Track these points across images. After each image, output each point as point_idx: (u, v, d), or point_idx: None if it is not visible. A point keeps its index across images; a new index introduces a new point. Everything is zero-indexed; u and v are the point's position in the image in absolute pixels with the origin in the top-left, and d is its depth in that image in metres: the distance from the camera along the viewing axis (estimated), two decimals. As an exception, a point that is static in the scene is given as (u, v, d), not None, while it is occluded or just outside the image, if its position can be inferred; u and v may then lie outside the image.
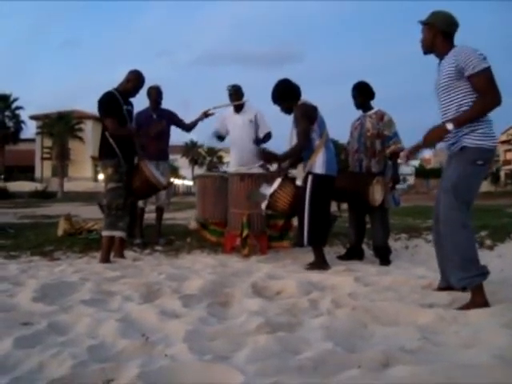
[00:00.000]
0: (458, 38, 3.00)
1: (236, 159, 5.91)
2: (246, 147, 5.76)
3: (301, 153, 4.37)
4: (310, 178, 4.31)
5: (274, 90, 4.48)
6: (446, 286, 3.16)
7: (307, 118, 4.29)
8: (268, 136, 5.91)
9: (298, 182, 4.51)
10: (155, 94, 5.85)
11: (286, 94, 4.45)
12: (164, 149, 5.97)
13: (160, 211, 6.05)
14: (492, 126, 2.88)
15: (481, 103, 2.80)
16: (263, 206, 4.55)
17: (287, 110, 4.49)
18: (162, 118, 5.81)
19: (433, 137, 2.92)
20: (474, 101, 2.82)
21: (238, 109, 5.86)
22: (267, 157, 4.51)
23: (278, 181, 4.49)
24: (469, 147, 2.83)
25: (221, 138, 6.12)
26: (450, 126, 2.81)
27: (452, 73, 2.86)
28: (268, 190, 4.51)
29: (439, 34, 2.97)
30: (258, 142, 5.80)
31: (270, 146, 5.65)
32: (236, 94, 5.84)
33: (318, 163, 4.31)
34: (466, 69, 2.79)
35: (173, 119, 6.01)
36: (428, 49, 3.07)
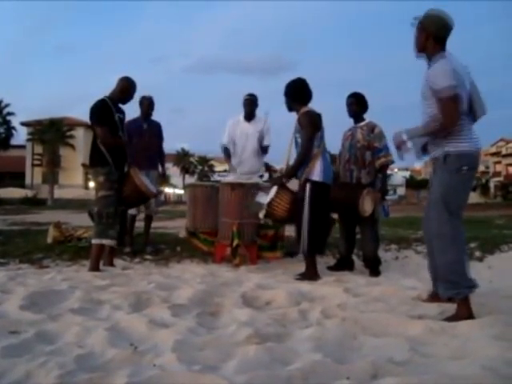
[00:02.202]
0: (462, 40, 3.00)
1: (240, 166, 5.90)
2: (253, 156, 5.78)
3: (306, 160, 4.34)
4: (308, 185, 4.31)
5: (289, 85, 4.53)
6: (435, 295, 3.17)
7: (314, 126, 4.35)
8: (267, 149, 5.94)
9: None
10: (147, 105, 5.88)
11: (296, 95, 4.50)
12: (153, 158, 6.00)
13: (149, 219, 6.07)
14: (473, 130, 2.92)
15: (438, 125, 2.86)
16: (261, 214, 4.55)
17: (290, 107, 4.56)
18: (152, 129, 5.91)
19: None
20: (434, 119, 2.88)
21: (249, 117, 5.86)
22: (278, 181, 4.54)
23: (275, 189, 4.48)
24: (452, 154, 2.86)
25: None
26: (404, 136, 2.96)
27: (427, 84, 2.91)
28: (264, 198, 4.51)
29: (430, 37, 2.95)
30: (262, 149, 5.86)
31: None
32: (251, 104, 5.81)
33: (316, 171, 4.33)
34: (433, 87, 2.85)
35: (159, 133, 6.08)
36: (419, 50, 3.05)
